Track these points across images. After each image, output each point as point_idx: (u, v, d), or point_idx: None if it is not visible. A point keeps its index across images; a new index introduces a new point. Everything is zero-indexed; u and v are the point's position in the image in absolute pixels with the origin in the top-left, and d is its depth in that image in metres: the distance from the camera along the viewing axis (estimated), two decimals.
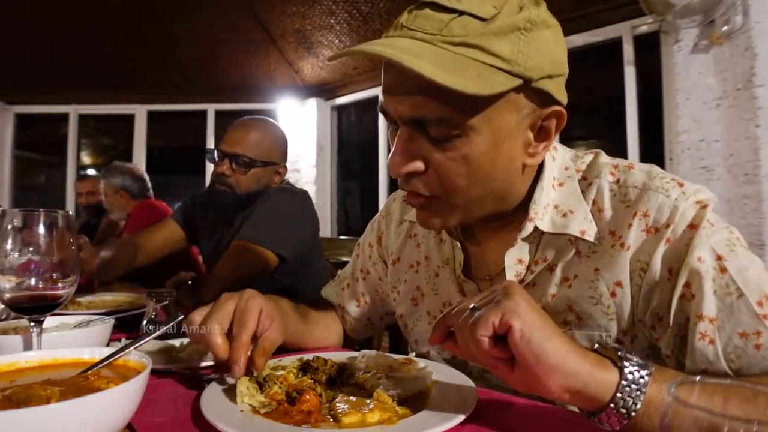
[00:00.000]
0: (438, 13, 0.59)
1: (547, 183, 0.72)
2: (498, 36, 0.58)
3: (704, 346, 0.60)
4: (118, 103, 4.80)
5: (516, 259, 0.73)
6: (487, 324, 0.49)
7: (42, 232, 0.65)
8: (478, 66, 0.57)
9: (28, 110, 4.84)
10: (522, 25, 0.59)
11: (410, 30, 0.60)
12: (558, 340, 0.49)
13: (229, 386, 0.63)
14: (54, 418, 0.41)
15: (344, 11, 3.57)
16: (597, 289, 0.68)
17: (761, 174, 2.33)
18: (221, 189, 1.54)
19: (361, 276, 1.01)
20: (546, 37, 0.61)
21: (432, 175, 0.65)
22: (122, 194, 2.84)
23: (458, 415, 0.54)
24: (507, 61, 0.58)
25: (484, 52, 0.57)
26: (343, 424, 0.53)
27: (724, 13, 2.41)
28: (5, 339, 0.71)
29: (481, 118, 0.60)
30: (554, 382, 0.48)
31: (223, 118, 4.75)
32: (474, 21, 0.58)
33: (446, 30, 0.58)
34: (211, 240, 1.71)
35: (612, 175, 0.71)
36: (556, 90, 0.64)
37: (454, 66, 0.56)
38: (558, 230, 0.70)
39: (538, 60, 0.60)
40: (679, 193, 0.65)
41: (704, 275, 0.60)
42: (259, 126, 1.59)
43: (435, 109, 0.60)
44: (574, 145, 4.26)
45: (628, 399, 0.47)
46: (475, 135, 0.61)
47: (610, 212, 0.69)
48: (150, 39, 3.98)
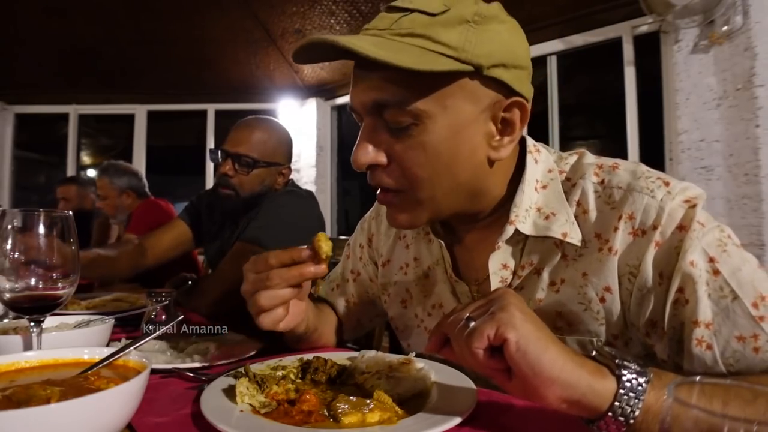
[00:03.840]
0: (391, 14, 0.64)
1: (529, 186, 0.71)
2: (445, 27, 0.61)
3: (702, 352, 0.59)
4: (118, 103, 4.80)
5: (500, 265, 0.72)
6: (482, 337, 0.49)
7: (42, 232, 0.65)
8: (421, 51, 0.60)
9: (28, 110, 4.83)
10: (470, 18, 0.62)
11: (366, 30, 0.65)
12: (554, 350, 0.48)
13: (229, 386, 0.63)
14: (54, 418, 0.41)
15: (344, 11, 3.56)
16: (586, 294, 0.67)
17: (761, 174, 2.33)
18: (225, 193, 1.53)
19: (352, 277, 1.00)
20: (498, 30, 0.63)
21: (395, 167, 0.66)
22: (129, 194, 2.76)
23: (458, 415, 0.54)
24: (453, 49, 0.60)
25: (431, 41, 0.60)
26: (343, 424, 0.53)
27: (724, 13, 2.41)
28: (5, 339, 0.71)
29: (437, 105, 0.62)
30: (551, 394, 0.48)
31: (223, 118, 4.75)
32: (422, 16, 0.62)
33: (395, 25, 0.62)
34: (215, 241, 1.71)
35: (596, 175, 0.70)
36: (514, 80, 0.64)
37: (395, 48, 0.60)
38: (540, 233, 0.69)
39: (488, 48, 0.61)
40: (665, 193, 0.63)
41: (697, 280, 0.59)
42: (263, 126, 1.57)
43: (390, 93, 0.62)
44: (574, 145, 4.27)
45: (626, 407, 0.47)
46: (432, 123, 0.63)
47: (595, 214, 0.68)
48: (150, 39, 3.97)
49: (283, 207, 1.56)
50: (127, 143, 4.84)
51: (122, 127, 4.91)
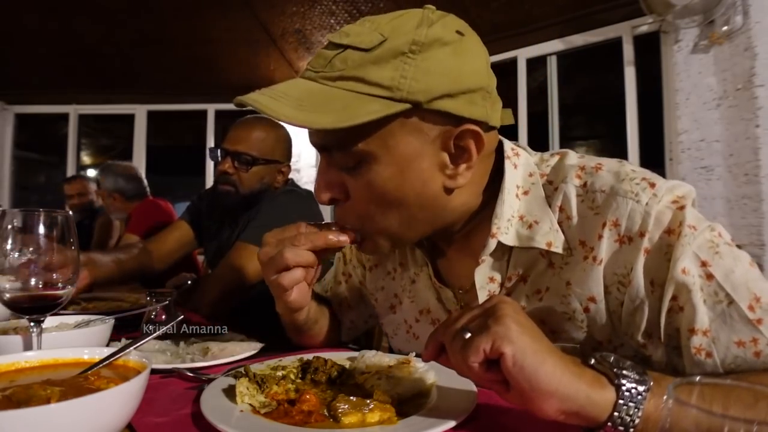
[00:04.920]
0: (327, 51, 0.63)
1: (509, 194, 0.69)
2: (377, 64, 0.59)
3: (702, 360, 0.58)
4: (118, 103, 4.79)
5: (487, 278, 0.71)
6: (478, 351, 0.48)
7: (42, 232, 0.65)
8: (349, 97, 0.59)
9: (28, 110, 4.83)
10: (406, 49, 0.59)
11: (307, 70, 0.64)
12: (551, 362, 0.47)
13: (229, 386, 0.63)
14: (54, 418, 0.41)
15: (344, 11, 3.56)
16: (569, 304, 0.66)
17: (761, 174, 2.32)
18: (225, 189, 1.54)
19: (344, 279, 1.00)
20: (439, 57, 0.60)
21: (350, 203, 0.67)
22: (116, 197, 2.77)
23: (458, 415, 0.54)
24: (387, 88, 0.58)
25: (362, 83, 0.59)
26: (343, 424, 0.53)
27: (724, 13, 2.41)
28: (5, 339, 0.71)
29: (378, 145, 0.61)
30: (549, 406, 0.47)
31: (223, 118, 4.74)
32: (354, 53, 0.60)
33: (329, 66, 0.61)
34: (215, 240, 1.71)
35: (578, 178, 0.67)
36: (462, 108, 0.61)
37: (321, 101, 0.59)
38: (524, 244, 0.68)
39: (426, 81, 0.59)
40: (651, 195, 0.61)
41: (691, 287, 0.58)
42: (261, 124, 1.58)
43: (329, 139, 0.64)
44: (574, 146, 4.27)
45: (626, 417, 0.46)
46: (375, 162, 0.62)
47: (578, 219, 0.66)
48: (150, 39, 3.97)
49: (283, 206, 1.56)
50: (127, 143, 4.84)
51: (122, 127, 4.91)
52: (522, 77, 3.47)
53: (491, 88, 0.65)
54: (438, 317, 0.81)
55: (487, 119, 0.64)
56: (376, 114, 0.58)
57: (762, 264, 2.23)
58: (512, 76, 3.46)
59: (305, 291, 0.75)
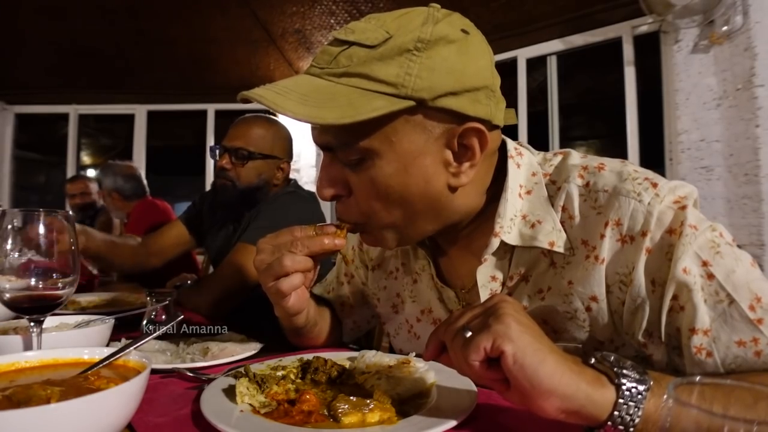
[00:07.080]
0: (332, 47, 0.63)
1: (512, 194, 0.69)
2: (383, 60, 0.59)
3: (702, 360, 0.58)
4: (118, 103, 4.80)
5: (489, 277, 0.71)
6: (479, 349, 0.48)
7: (42, 232, 0.65)
8: (354, 94, 0.59)
9: (28, 110, 4.83)
10: (412, 46, 0.59)
11: (311, 66, 0.64)
12: (552, 361, 0.47)
13: (229, 386, 0.63)
14: (54, 418, 0.41)
15: (344, 11, 3.56)
16: (571, 304, 0.67)
17: (761, 174, 2.33)
18: (222, 183, 1.55)
19: (346, 280, 1.00)
20: (444, 55, 0.60)
21: (353, 199, 0.67)
22: (114, 196, 2.81)
23: (458, 415, 0.54)
24: (392, 85, 0.58)
25: (367, 79, 0.59)
26: (343, 424, 0.53)
27: (723, 13, 2.41)
28: (5, 339, 0.71)
29: (382, 142, 0.61)
30: (550, 405, 0.47)
31: (223, 118, 4.74)
32: (360, 50, 0.60)
33: (334, 62, 0.61)
34: (217, 240, 1.71)
35: (581, 177, 0.68)
36: (467, 106, 0.61)
37: (325, 97, 0.59)
38: (527, 243, 0.68)
39: (431, 79, 0.59)
40: (653, 195, 0.62)
41: (692, 287, 0.58)
42: (260, 122, 1.60)
43: (333, 137, 0.63)
44: (575, 146, 4.27)
45: (626, 416, 0.46)
46: (379, 158, 0.62)
47: (581, 219, 0.66)
48: (150, 39, 3.97)
49: (285, 208, 1.57)
50: (127, 143, 4.84)
51: (122, 127, 4.91)
52: (522, 77, 3.47)
53: (495, 87, 0.65)
54: (439, 317, 0.81)
55: (491, 118, 0.64)
56: (381, 110, 0.58)
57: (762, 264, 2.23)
58: (512, 76, 3.47)
59: (303, 295, 0.75)
